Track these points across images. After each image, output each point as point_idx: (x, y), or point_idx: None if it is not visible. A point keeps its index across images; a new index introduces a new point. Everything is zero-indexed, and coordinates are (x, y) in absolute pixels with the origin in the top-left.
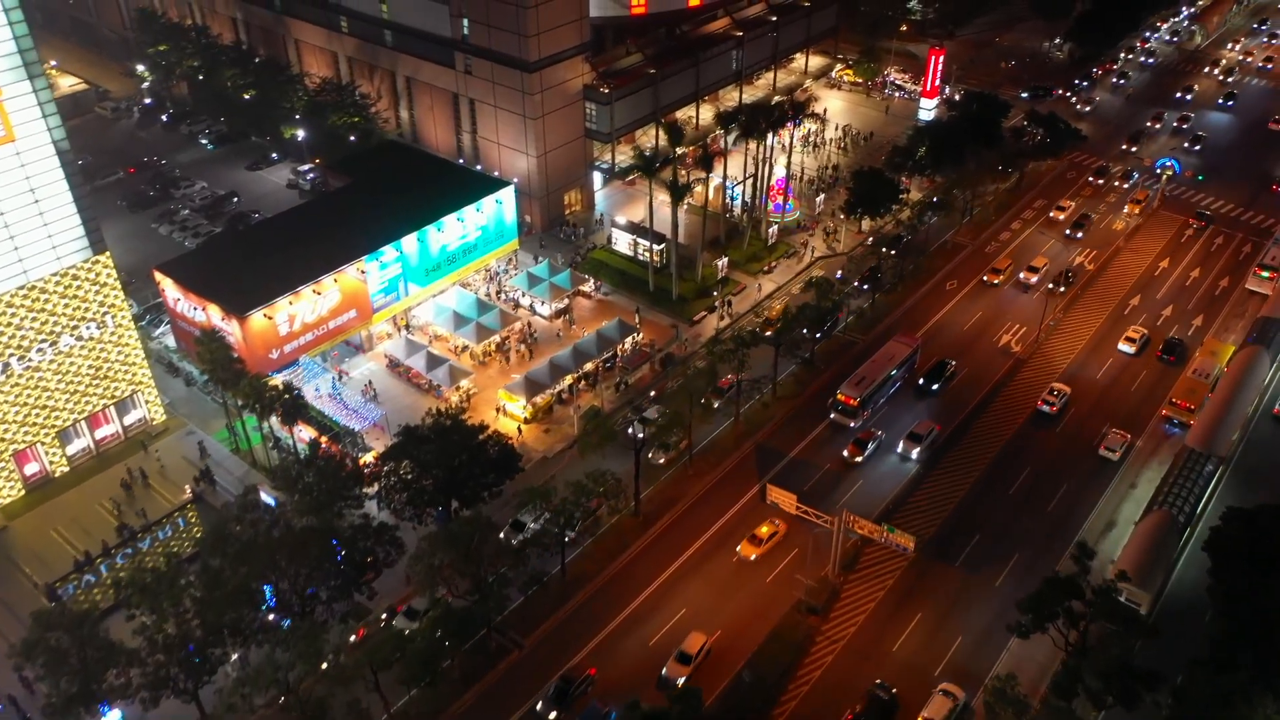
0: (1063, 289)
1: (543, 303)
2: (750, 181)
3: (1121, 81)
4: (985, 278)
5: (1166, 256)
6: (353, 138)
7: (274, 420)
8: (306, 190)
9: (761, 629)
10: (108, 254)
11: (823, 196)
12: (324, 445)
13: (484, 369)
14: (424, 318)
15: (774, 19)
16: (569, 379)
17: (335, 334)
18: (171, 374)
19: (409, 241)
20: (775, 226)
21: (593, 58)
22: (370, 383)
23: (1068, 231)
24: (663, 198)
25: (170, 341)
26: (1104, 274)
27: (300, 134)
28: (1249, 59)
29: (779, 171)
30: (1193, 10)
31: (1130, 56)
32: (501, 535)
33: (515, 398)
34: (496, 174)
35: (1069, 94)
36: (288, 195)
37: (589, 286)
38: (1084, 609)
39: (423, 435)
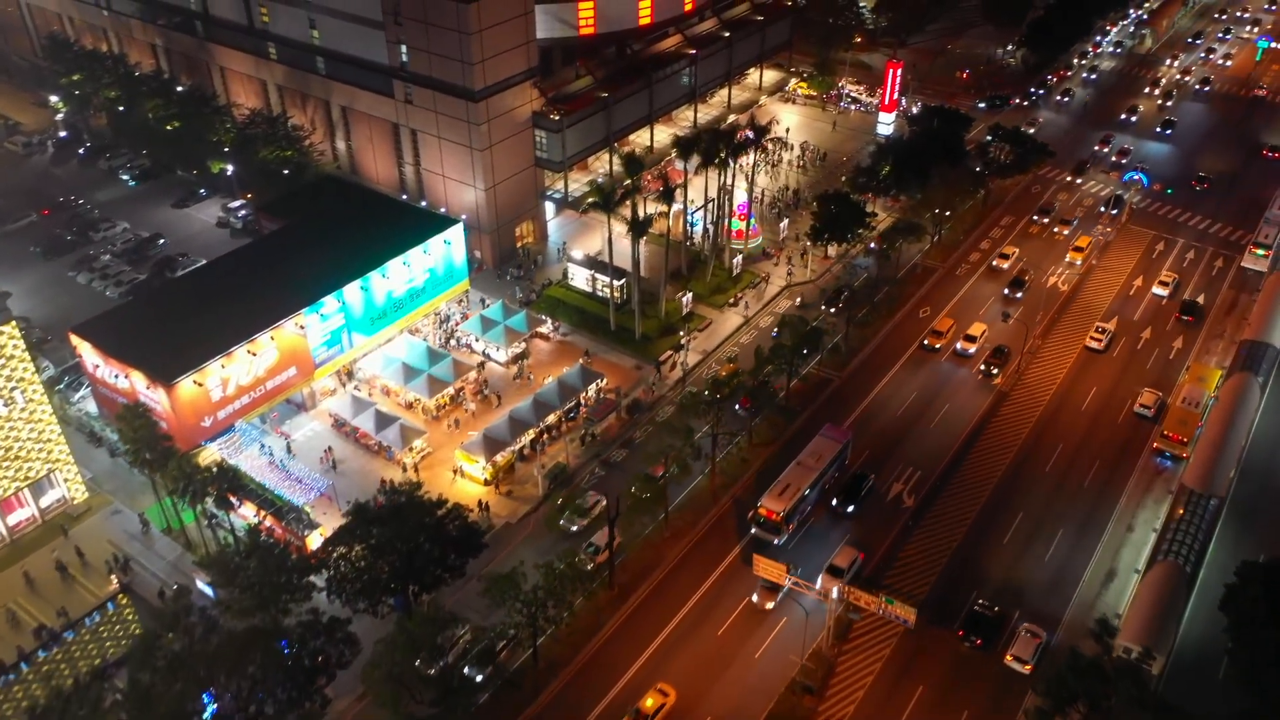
0: (994, 371)
1: (498, 348)
2: (711, 207)
3: (1066, 100)
4: (926, 341)
5: (1140, 274)
6: (286, 172)
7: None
8: (238, 229)
9: (757, 712)
10: (13, 323)
11: (786, 222)
12: (265, 528)
13: (438, 424)
14: (370, 370)
15: (727, 35)
16: (530, 433)
17: (274, 394)
18: (94, 444)
19: (351, 290)
20: (740, 256)
21: (541, 82)
22: (330, 449)
23: (1006, 290)
24: (622, 228)
25: (92, 407)
26: (1080, 295)
27: (229, 168)
28: (1186, 78)
29: (740, 196)
30: (1141, 14)
31: (1083, 62)
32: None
33: (474, 458)
34: (443, 210)
35: (1025, 102)
36: (218, 235)
37: (547, 327)
38: (1108, 690)
39: (374, 514)
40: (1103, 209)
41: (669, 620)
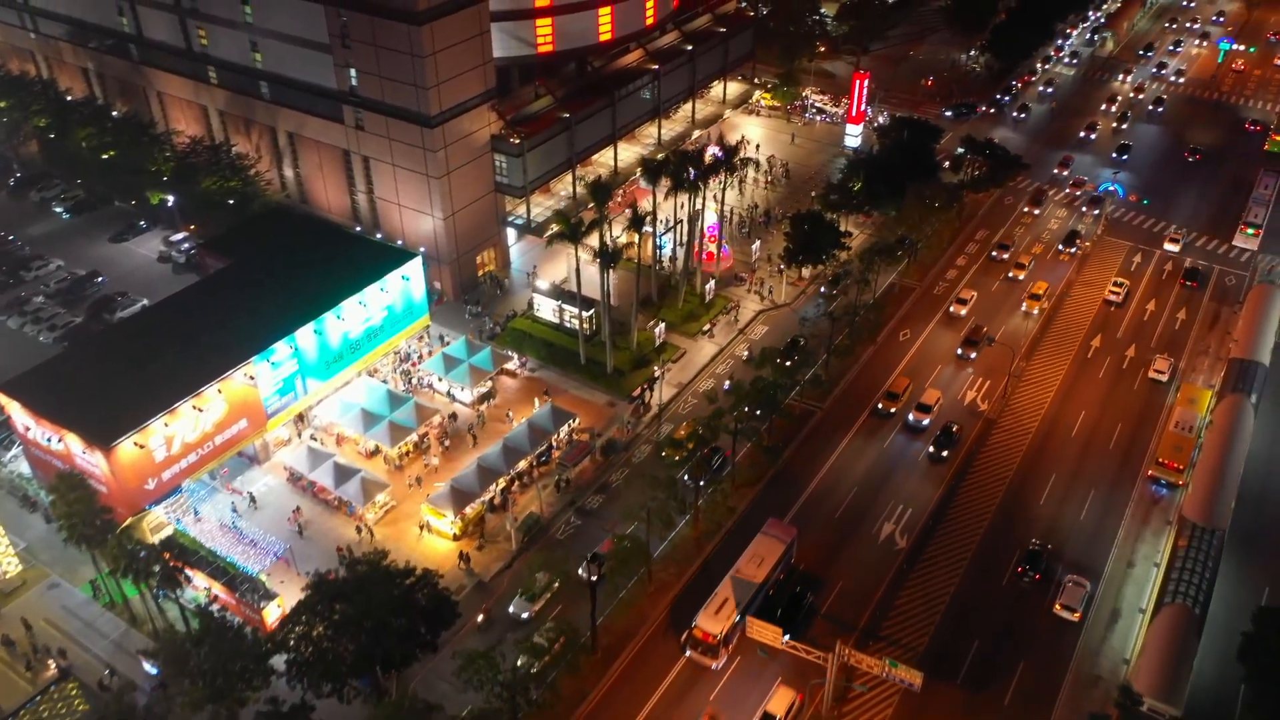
0: (945, 454)
1: (462, 388)
2: (680, 228)
3: (1023, 116)
4: (880, 405)
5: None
6: (231, 202)
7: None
8: (181, 263)
9: None
10: None
11: (759, 244)
12: (218, 600)
13: (401, 474)
14: (327, 417)
15: (689, 48)
16: (501, 482)
17: (224, 449)
18: (28, 509)
19: (305, 334)
20: (712, 281)
21: (499, 104)
22: (299, 509)
23: (959, 351)
24: (589, 255)
25: (24, 468)
26: (1061, 312)
27: (170, 199)
28: (1140, 96)
29: (710, 218)
30: (1100, 16)
31: (1046, 67)
32: None
33: (441, 512)
34: (400, 241)
35: (992, 109)
36: (159, 270)
37: (514, 364)
38: None
39: (336, 589)
40: (1061, 247)
41: (657, 685)
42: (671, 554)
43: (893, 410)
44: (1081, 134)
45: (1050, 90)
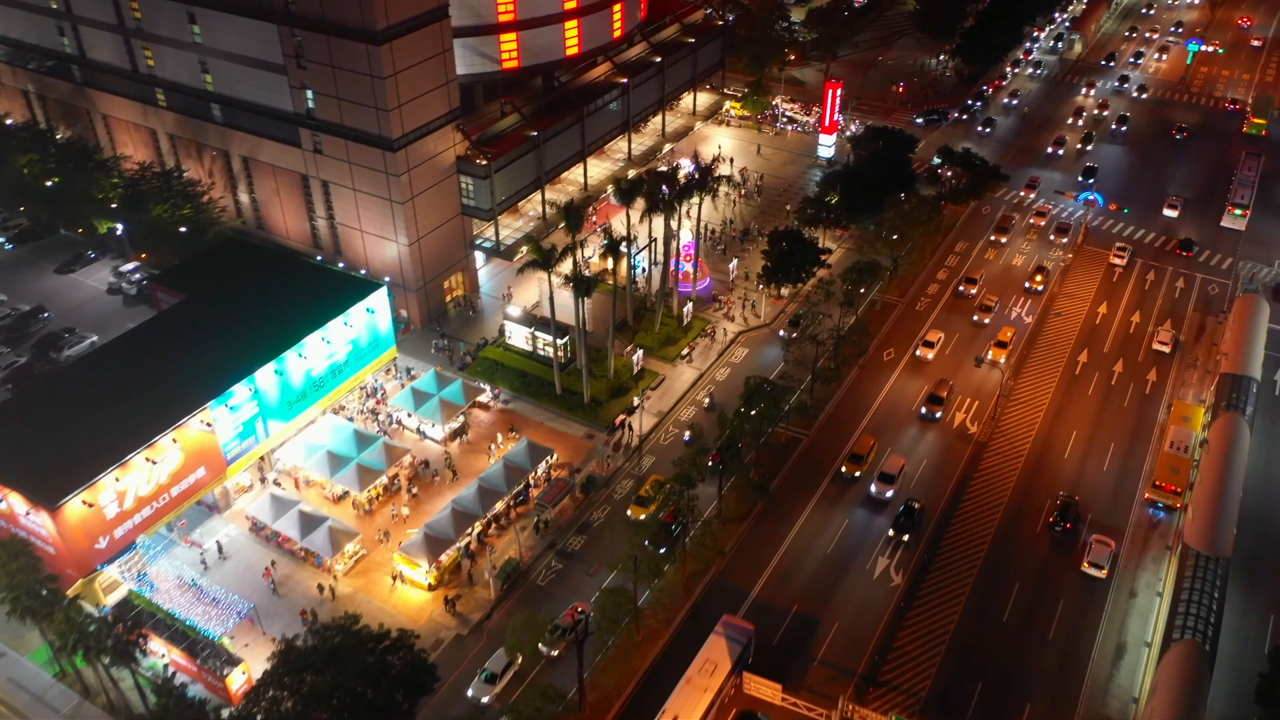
0: (905, 538)
1: (433, 424)
2: (654, 246)
3: (988, 131)
4: (844, 469)
5: (1103, 300)
6: (184, 230)
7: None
8: (132, 295)
9: None
10: None
11: (735, 262)
12: (178, 666)
13: (371, 519)
14: (291, 460)
15: (658, 60)
16: (477, 526)
17: (181, 500)
18: None
19: (265, 374)
20: (690, 304)
21: (464, 124)
22: (273, 565)
23: (923, 410)
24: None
25: None
26: (1045, 327)
27: (119, 227)
28: (1104, 113)
29: (685, 236)
30: (1066, 19)
31: (1016, 70)
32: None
33: (415, 562)
34: (364, 272)
35: (964, 115)
36: (109, 303)
37: (486, 395)
38: None
39: (305, 659)
40: (1028, 284)
41: None
42: (658, 598)
43: (857, 474)
44: (1049, 149)
45: (1015, 102)
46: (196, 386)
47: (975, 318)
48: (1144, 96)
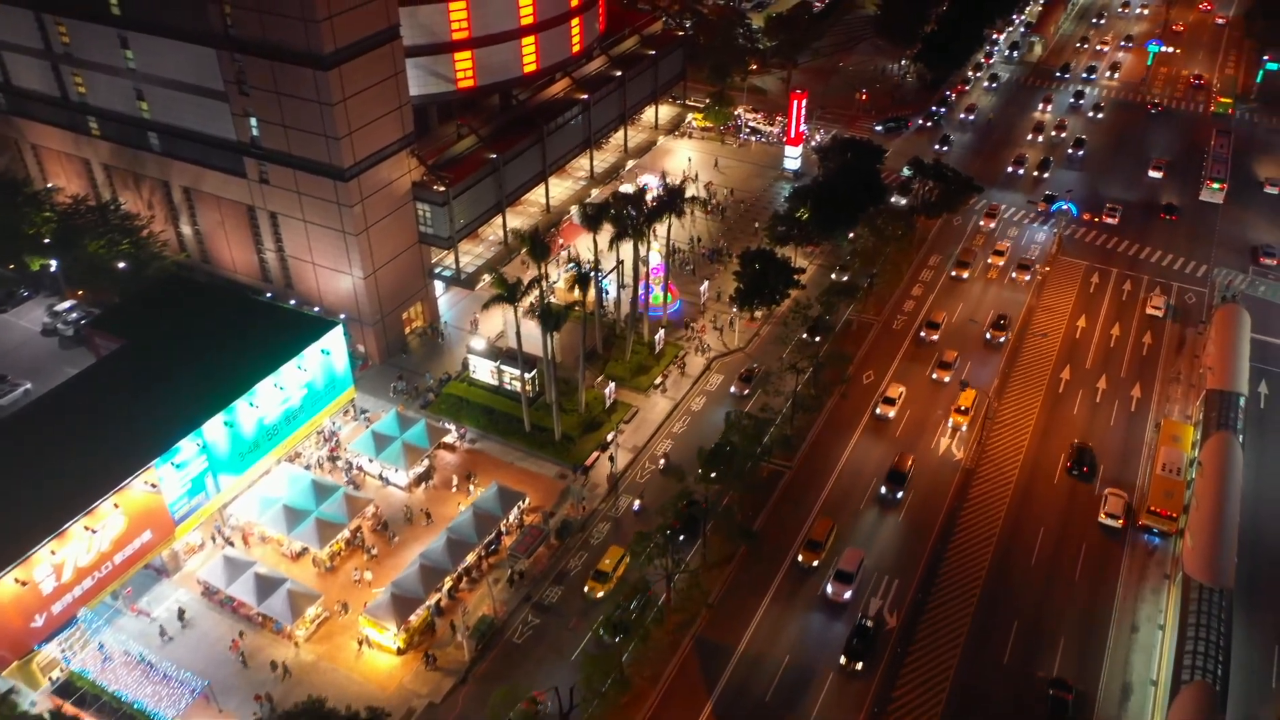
0: (858, 668)
1: (396, 469)
2: (622, 269)
3: (945, 149)
4: (800, 558)
5: (1081, 313)
6: (123, 265)
7: None
8: (69, 335)
9: None
10: None
11: (706, 284)
12: None
13: (333, 577)
14: (244, 515)
15: (618, 73)
16: (447, 581)
17: (125, 567)
18: None
19: (214, 426)
20: (662, 331)
21: (420, 148)
22: (241, 635)
23: (884, 489)
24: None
25: None
26: (1026, 341)
27: (53, 264)
28: (1062, 135)
29: (654, 259)
30: (1023, 19)
31: (978, 75)
32: None
33: (383, 625)
34: (318, 310)
35: (927, 122)
36: (45, 345)
37: (452, 435)
38: None
39: None
40: (988, 334)
41: None
42: (644, 652)
43: (814, 564)
44: (1009, 168)
45: (972, 117)
46: (139, 443)
47: (934, 375)
48: (1099, 116)
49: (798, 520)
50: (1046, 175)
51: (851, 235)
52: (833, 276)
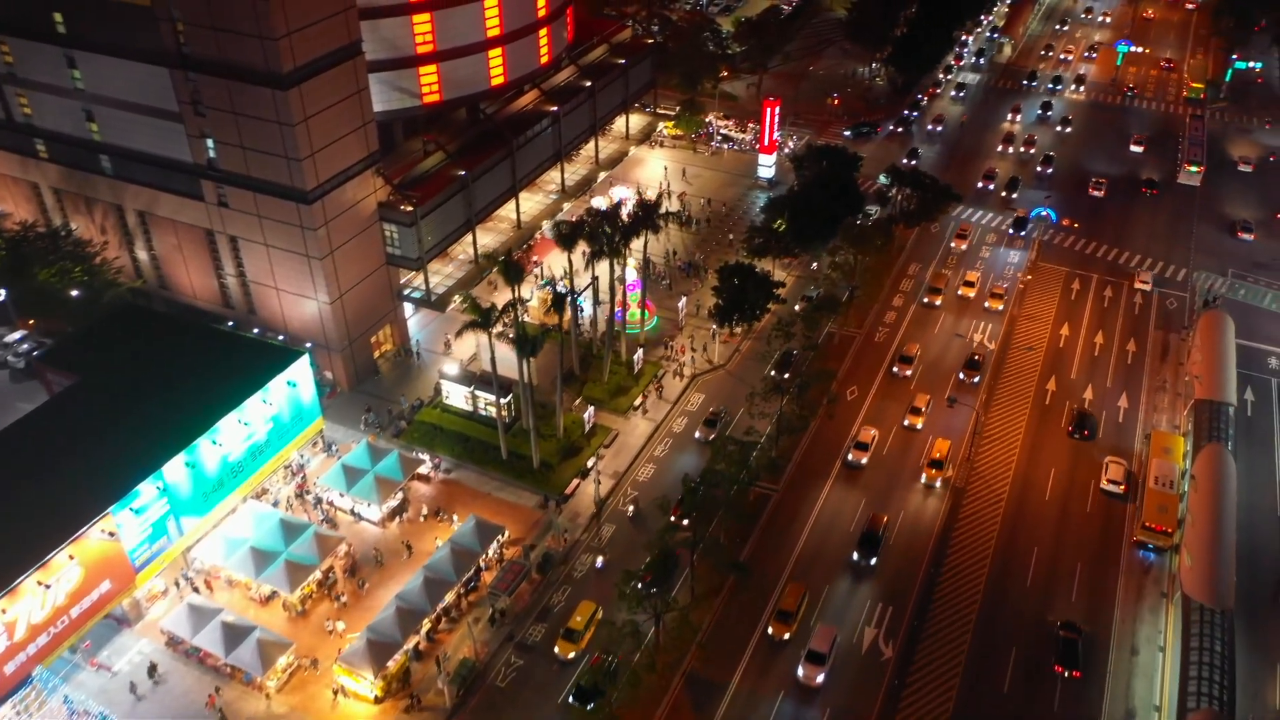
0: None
1: (368, 504)
2: (596, 284)
3: (914, 162)
4: (770, 630)
5: (1064, 321)
6: (76, 293)
7: None
8: (20, 368)
9: None
10: None
11: (684, 300)
12: None
13: (305, 621)
14: (209, 558)
15: (588, 84)
16: (426, 623)
17: (83, 620)
18: None
19: (174, 467)
20: (640, 351)
21: (385, 167)
22: (217, 691)
23: (855, 555)
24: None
25: None
26: (1009, 351)
27: (2, 293)
28: (1031, 150)
29: (630, 275)
30: (991, 20)
31: (949, 77)
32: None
33: (358, 674)
34: (282, 339)
35: (898, 128)
36: None
37: (426, 466)
38: None
39: None
40: (962, 375)
41: None
42: (631, 692)
43: (786, 636)
44: (980, 184)
45: (940, 129)
46: (95, 488)
47: (907, 422)
48: (1068, 130)
49: (812, 496)
50: (1015, 195)
51: (830, 247)
52: (807, 296)
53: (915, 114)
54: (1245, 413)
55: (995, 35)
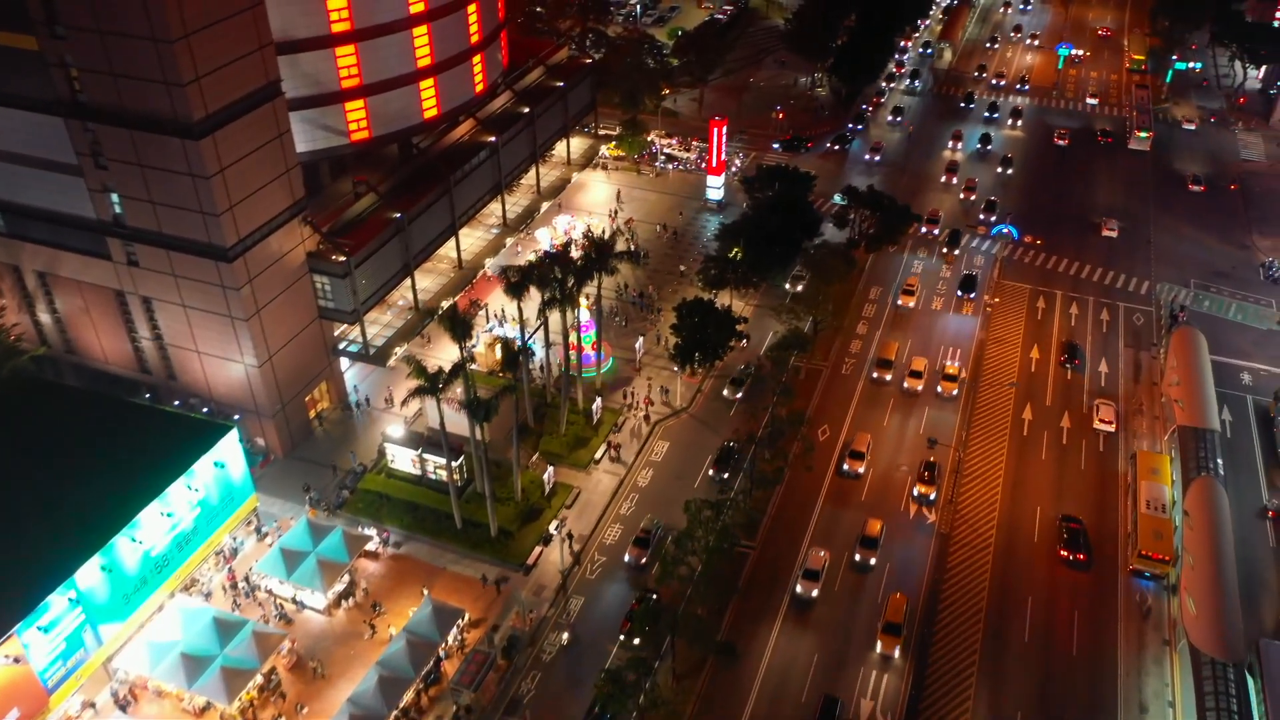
0: None
1: (311, 591)
2: (546, 326)
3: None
4: None
5: (1034, 343)
6: None
7: None
8: None
9: None
10: None
11: (641, 340)
12: None
13: None
14: (134, 668)
15: (526, 110)
16: None
17: None
18: None
19: (89, 572)
20: (598, 400)
21: (313, 213)
22: None
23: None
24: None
25: None
26: (982, 378)
27: None
28: (972, 198)
29: (584, 315)
30: (928, 24)
31: (891, 85)
32: None
33: None
34: (206, 410)
35: (835, 145)
36: None
37: (374, 542)
38: None
39: None
40: (917, 491)
41: None
42: None
43: None
44: (927, 215)
45: (878, 159)
46: None
47: (858, 558)
48: (1010, 172)
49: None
50: (958, 251)
51: (792, 278)
52: (772, 334)
53: (859, 126)
54: (1225, 433)
55: (930, 54)
